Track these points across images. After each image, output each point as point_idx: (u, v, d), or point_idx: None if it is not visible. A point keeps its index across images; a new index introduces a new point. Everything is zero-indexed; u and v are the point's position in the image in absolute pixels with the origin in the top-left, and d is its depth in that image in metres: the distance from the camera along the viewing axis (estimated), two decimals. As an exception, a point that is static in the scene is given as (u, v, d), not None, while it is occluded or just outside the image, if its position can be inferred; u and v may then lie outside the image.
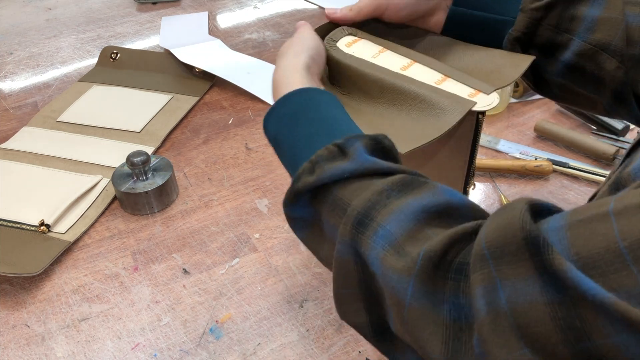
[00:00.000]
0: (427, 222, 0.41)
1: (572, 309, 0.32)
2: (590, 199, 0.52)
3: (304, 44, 0.60)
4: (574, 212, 0.36)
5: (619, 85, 0.60)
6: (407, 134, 0.58)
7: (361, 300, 0.45)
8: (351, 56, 0.65)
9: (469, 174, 0.67)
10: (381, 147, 0.48)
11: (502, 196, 0.86)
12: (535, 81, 0.67)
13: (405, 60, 0.65)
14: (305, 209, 0.49)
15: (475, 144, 0.64)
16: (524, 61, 0.63)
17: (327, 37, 0.67)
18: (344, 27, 0.68)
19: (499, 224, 0.36)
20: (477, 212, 0.43)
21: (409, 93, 0.61)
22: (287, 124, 0.52)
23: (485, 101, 0.59)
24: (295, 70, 0.56)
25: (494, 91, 0.61)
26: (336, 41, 0.67)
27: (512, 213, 0.36)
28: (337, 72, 0.65)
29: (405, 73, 0.63)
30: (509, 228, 0.35)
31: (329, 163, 0.46)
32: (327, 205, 0.47)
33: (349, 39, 0.67)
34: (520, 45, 0.63)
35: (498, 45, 0.65)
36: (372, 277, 0.43)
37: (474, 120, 0.61)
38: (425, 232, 0.40)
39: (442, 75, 0.63)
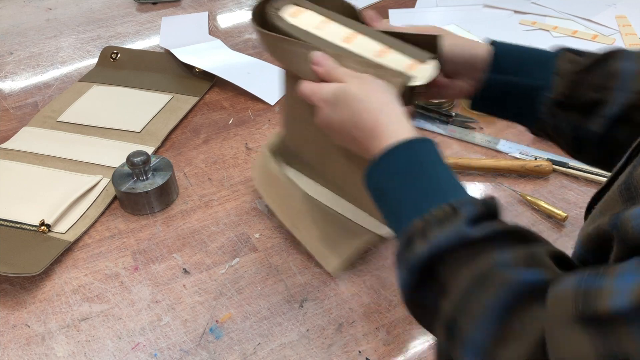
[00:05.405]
0: (511, 318, 0.42)
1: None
2: (593, 200, 0.51)
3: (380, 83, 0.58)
4: None
5: None
6: None
7: None
8: (295, 27, 0.63)
9: None
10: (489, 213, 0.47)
11: (520, 195, 0.86)
12: (574, 145, 0.65)
13: (348, 31, 0.64)
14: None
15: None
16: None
17: (269, 6, 0.65)
18: None
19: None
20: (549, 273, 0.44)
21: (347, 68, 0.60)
22: (392, 179, 0.53)
23: (423, 73, 0.59)
24: (393, 111, 0.55)
25: (430, 58, 0.60)
26: (279, 9, 0.65)
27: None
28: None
29: (348, 45, 0.62)
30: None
31: (439, 227, 0.46)
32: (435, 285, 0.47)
33: (292, 8, 0.66)
34: (560, 108, 0.62)
35: (532, 111, 0.64)
36: None
37: (409, 92, 0.60)
38: (513, 330, 0.41)
39: (384, 46, 0.62)
